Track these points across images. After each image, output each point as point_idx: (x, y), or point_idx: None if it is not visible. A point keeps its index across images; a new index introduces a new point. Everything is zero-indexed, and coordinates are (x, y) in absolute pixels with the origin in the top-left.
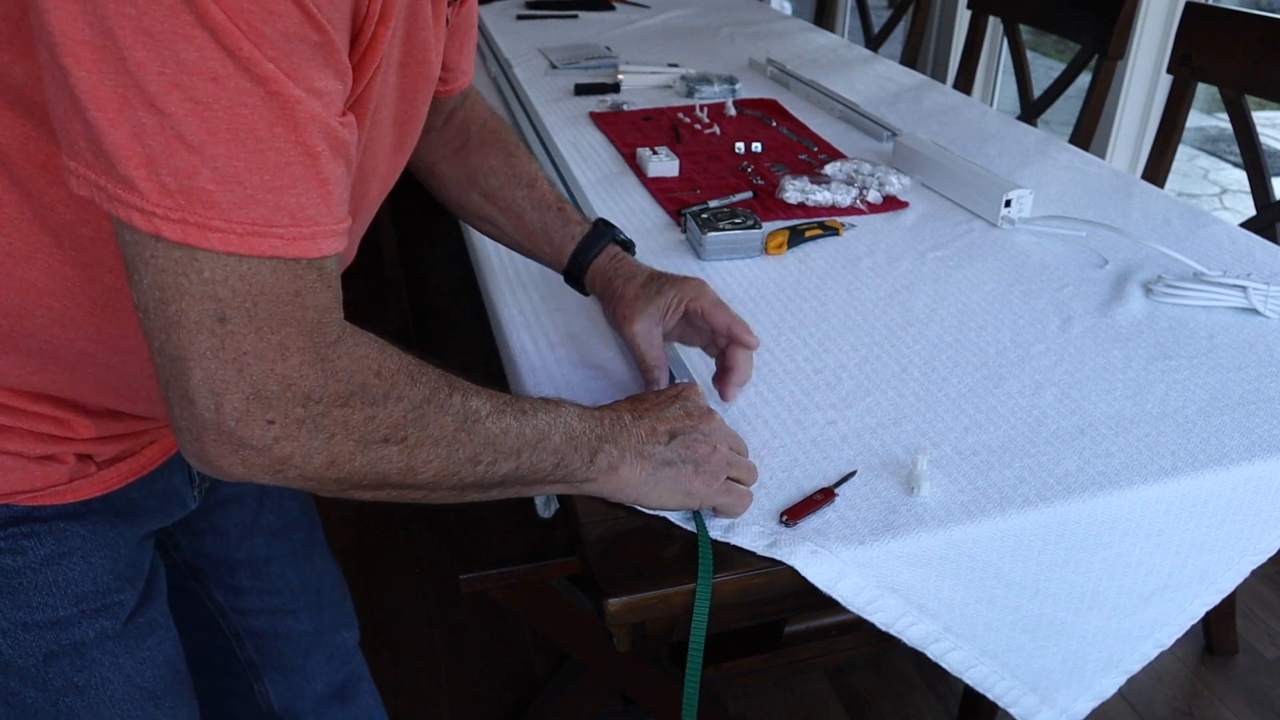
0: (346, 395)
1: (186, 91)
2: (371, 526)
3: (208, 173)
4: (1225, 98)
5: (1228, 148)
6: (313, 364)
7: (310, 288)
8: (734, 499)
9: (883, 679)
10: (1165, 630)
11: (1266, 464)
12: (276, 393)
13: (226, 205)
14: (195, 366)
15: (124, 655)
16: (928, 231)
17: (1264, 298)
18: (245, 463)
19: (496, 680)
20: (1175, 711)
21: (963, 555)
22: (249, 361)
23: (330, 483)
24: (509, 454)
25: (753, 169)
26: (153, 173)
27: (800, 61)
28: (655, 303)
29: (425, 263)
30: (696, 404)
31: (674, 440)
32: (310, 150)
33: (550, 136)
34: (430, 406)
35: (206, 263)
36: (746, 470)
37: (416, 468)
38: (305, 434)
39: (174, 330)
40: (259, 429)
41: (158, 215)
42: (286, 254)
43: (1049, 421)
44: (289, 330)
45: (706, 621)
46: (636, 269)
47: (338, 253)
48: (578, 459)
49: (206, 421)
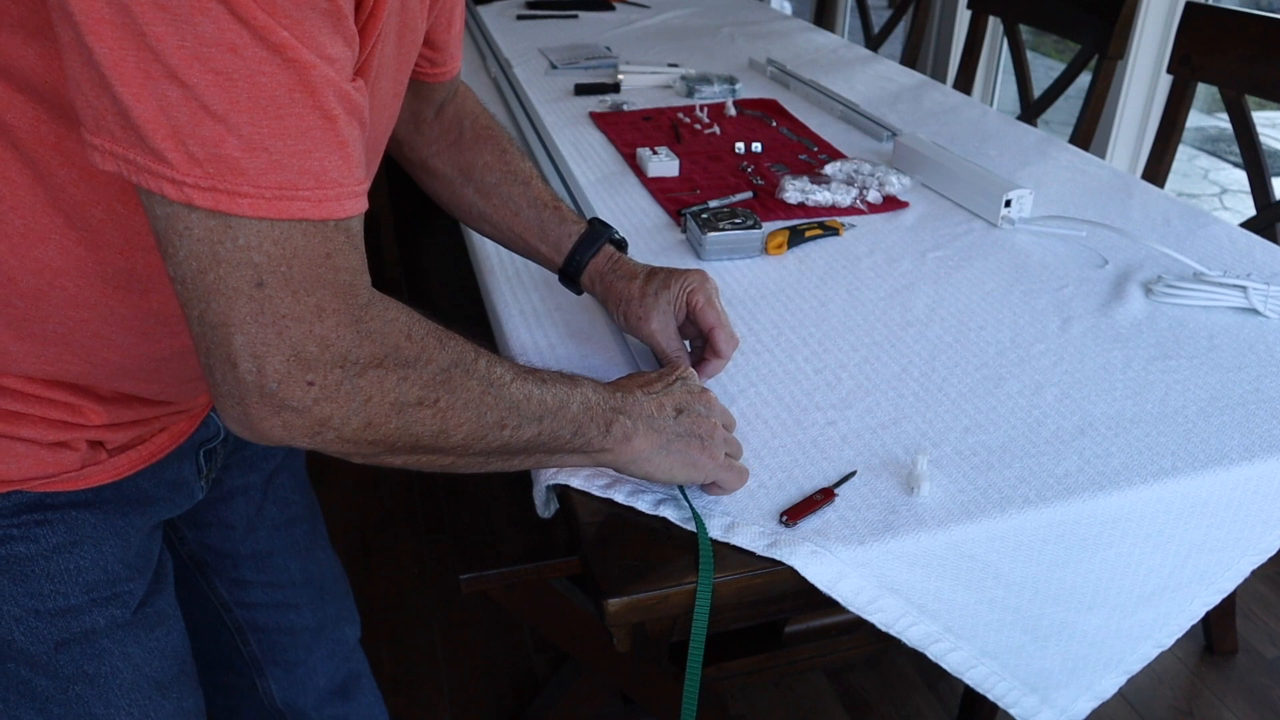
0: (380, 357)
1: (207, 63)
2: (372, 526)
3: (233, 140)
4: (1225, 98)
5: (1228, 148)
6: (348, 325)
7: (340, 249)
8: (733, 475)
9: (883, 679)
10: (1165, 630)
11: (1266, 464)
12: (316, 354)
13: (254, 171)
14: (237, 332)
15: (133, 645)
16: (928, 231)
17: (1264, 298)
18: (286, 425)
19: (496, 680)
20: (1175, 711)
21: (963, 555)
22: (288, 324)
23: (366, 444)
24: (532, 419)
25: (753, 169)
26: (180, 143)
27: (800, 61)
28: (665, 298)
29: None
30: (696, 382)
31: (680, 415)
32: (328, 114)
33: (550, 136)
34: (457, 370)
35: (240, 229)
36: (737, 447)
37: (449, 430)
38: (344, 395)
39: (213, 298)
40: (300, 390)
41: (189, 184)
42: (314, 216)
43: (1049, 421)
44: (324, 293)
45: (707, 621)
46: (635, 268)
47: (361, 213)
48: (594, 428)
49: (250, 385)
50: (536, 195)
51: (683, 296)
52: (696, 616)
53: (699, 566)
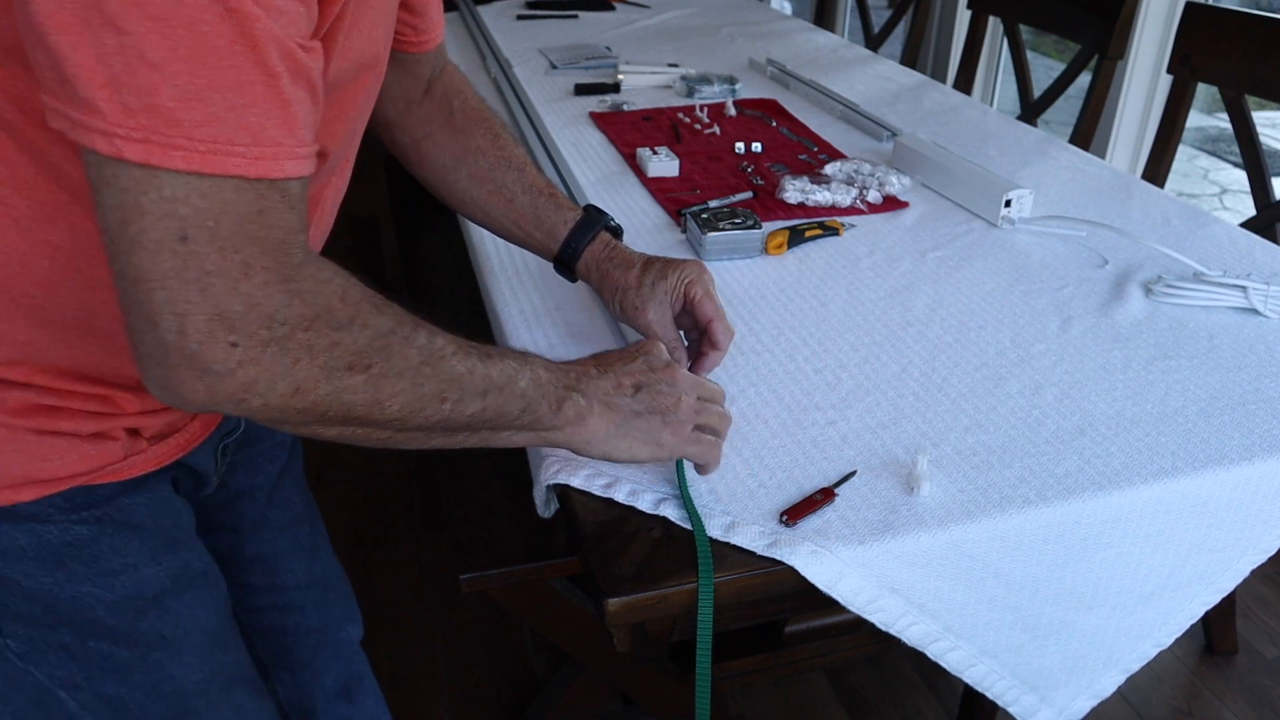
0: (311, 318)
1: (145, 9)
2: (371, 526)
3: (169, 90)
4: (1225, 98)
5: (1228, 148)
6: (277, 284)
7: (274, 208)
8: (703, 448)
9: (883, 679)
10: (1165, 630)
11: (1266, 464)
12: (240, 313)
13: (189, 123)
14: (158, 288)
15: (196, 605)
16: (928, 231)
17: (1264, 298)
18: (210, 389)
19: (496, 680)
20: (1175, 711)
21: (963, 555)
22: (212, 281)
23: (294, 413)
24: (475, 394)
25: (753, 169)
26: (114, 92)
27: (800, 61)
28: (662, 288)
29: (425, 263)
30: (659, 358)
31: (640, 392)
32: (270, 70)
33: (550, 136)
34: (395, 338)
35: (167, 182)
36: (718, 418)
37: (382, 400)
38: (269, 358)
39: (135, 251)
40: (222, 352)
41: (119, 136)
42: (249, 174)
43: (1049, 421)
44: (252, 249)
45: (711, 621)
46: (632, 257)
47: (303, 176)
48: (544, 405)
49: (170, 345)
50: (531, 181)
51: (680, 287)
52: (700, 617)
53: (699, 566)
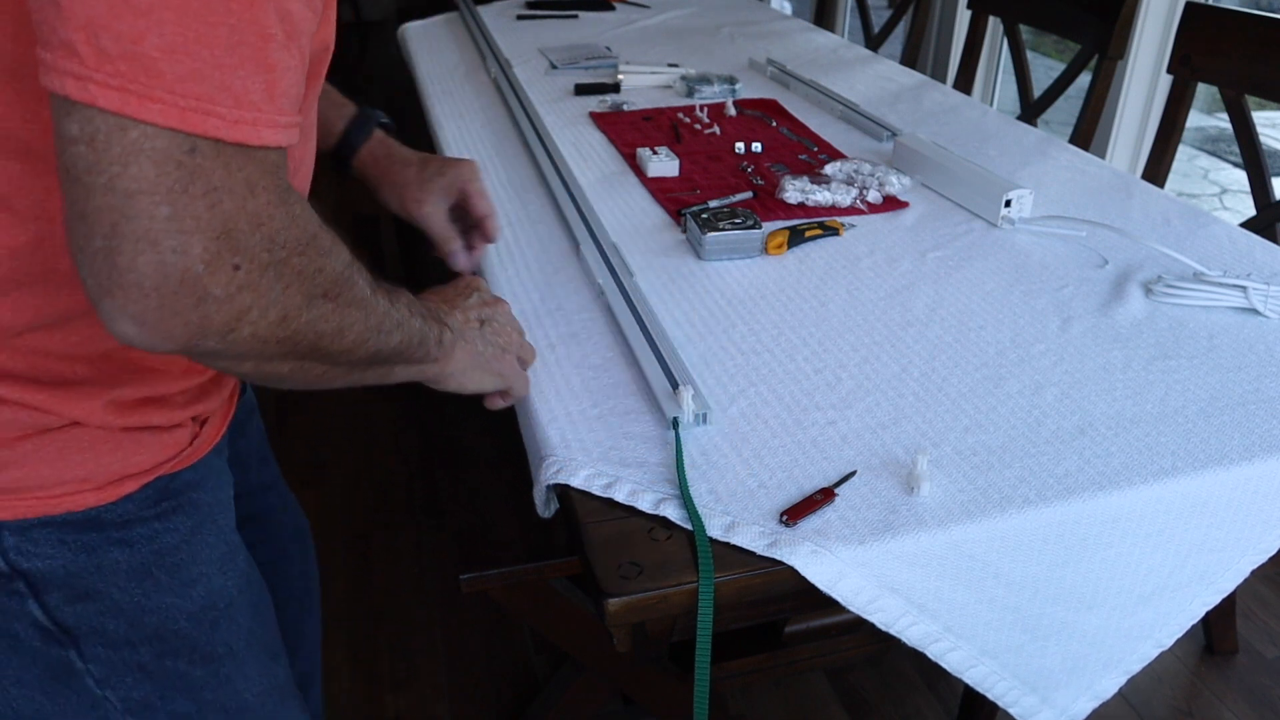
0: (304, 243)
1: None
2: (372, 525)
3: (155, 39)
4: (1225, 98)
5: (1228, 148)
6: (278, 205)
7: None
8: (523, 381)
9: (883, 679)
10: (1165, 630)
11: (1266, 464)
12: (246, 233)
13: (171, 76)
14: (162, 202)
15: (253, 615)
16: (928, 231)
17: (1264, 298)
18: (203, 319)
19: (496, 680)
20: (1175, 711)
21: (963, 555)
22: (221, 196)
23: (275, 343)
24: (394, 327)
25: (753, 169)
26: (92, 35)
27: (800, 61)
28: (440, 184)
29: (425, 263)
30: (489, 293)
31: (484, 326)
32: (264, 32)
33: (550, 136)
34: (353, 268)
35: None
36: (531, 352)
37: (344, 329)
38: (266, 282)
39: (132, 161)
40: (225, 275)
41: (95, 81)
42: (228, 137)
43: (1049, 421)
44: (253, 169)
45: (711, 621)
46: (409, 154)
47: (282, 148)
48: (431, 339)
49: (171, 269)
50: None
51: (457, 184)
52: (700, 617)
53: (699, 566)
